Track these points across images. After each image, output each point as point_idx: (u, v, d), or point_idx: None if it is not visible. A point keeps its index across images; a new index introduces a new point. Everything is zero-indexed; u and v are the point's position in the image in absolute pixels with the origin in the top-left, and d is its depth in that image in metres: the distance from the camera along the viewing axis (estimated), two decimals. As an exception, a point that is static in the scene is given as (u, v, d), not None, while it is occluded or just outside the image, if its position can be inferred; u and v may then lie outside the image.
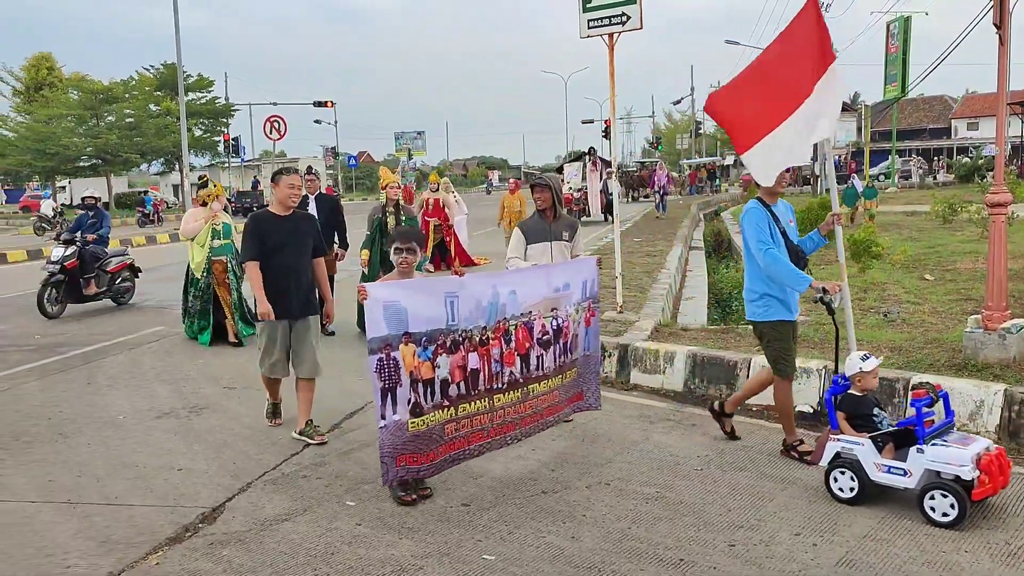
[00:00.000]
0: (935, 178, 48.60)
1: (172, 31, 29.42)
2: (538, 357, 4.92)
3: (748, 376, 6.47)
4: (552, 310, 5.00)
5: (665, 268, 13.03)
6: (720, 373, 6.65)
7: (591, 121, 61.03)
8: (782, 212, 5.24)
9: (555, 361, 5.05)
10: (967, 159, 49.35)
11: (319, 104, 43.12)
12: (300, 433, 5.75)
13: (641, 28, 8.04)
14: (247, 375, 7.66)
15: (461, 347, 4.51)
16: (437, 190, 15.48)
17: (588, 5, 8.31)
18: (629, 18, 8.03)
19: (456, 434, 4.56)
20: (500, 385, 4.71)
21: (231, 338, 9.07)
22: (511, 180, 20.68)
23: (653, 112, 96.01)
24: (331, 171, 55.49)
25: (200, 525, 4.38)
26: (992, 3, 6.05)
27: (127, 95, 44.48)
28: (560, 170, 29.40)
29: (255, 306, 5.87)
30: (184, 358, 8.47)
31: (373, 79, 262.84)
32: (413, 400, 4.30)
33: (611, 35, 8.30)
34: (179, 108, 32.83)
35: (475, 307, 4.57)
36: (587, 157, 26.84)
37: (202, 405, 6.72)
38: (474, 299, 4.58)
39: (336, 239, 9.38)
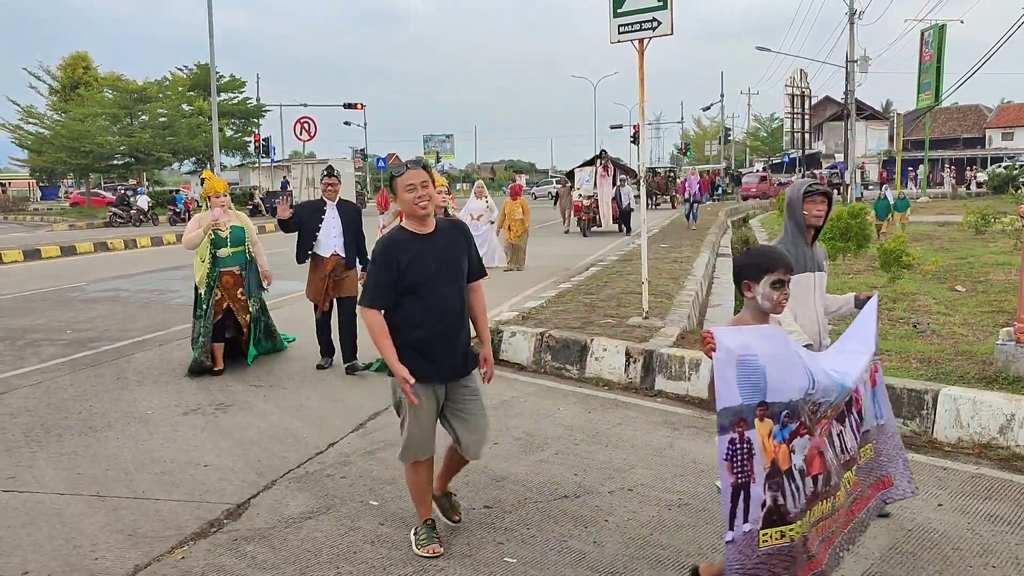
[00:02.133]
0: (968, 188, 47.99)
1: (206, 32, 29.74)
2: (838, 434, 3.43)
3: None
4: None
5: (692, 275, 12.96)
6: (746, 381, 6.58)
7: (620, 126, 60.91)
8: None
9: (855, 437, 3.55)
10: (1001, 169, 48.70)
11: (349, 106, 43.44)
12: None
13: (672, 34, 8.01)
14: (274, 374, 7.74)
15: (819, 425, 3.17)
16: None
17: (619, 10, 8.29)
18: (660, 24, 8.01)
19: (815, 548, 3.12)
20: (838, 479, 3.28)
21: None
22: (512, 184, 17.25)
23: (682, 118, 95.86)
24: (360, 173, 55.81)
25: (225, 521, 4.42)
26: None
27: (161, 95, 45.04)
28: (571, 175, 27.05)
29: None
30: (212, 355, 8.54)
31: (403, 81, 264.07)
32: (769, 502, 2.93)
33: (641, 41, 8.28)
34: (211, 108, 33.20)
35: (824, 374, 3.19)
36: (598, 161, 24.01)
37: (228, 402, 6.78)
38: (818, 365, 3.23)
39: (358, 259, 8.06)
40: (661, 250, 17.32)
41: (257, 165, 46.55)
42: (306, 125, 27.27)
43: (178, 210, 35.71)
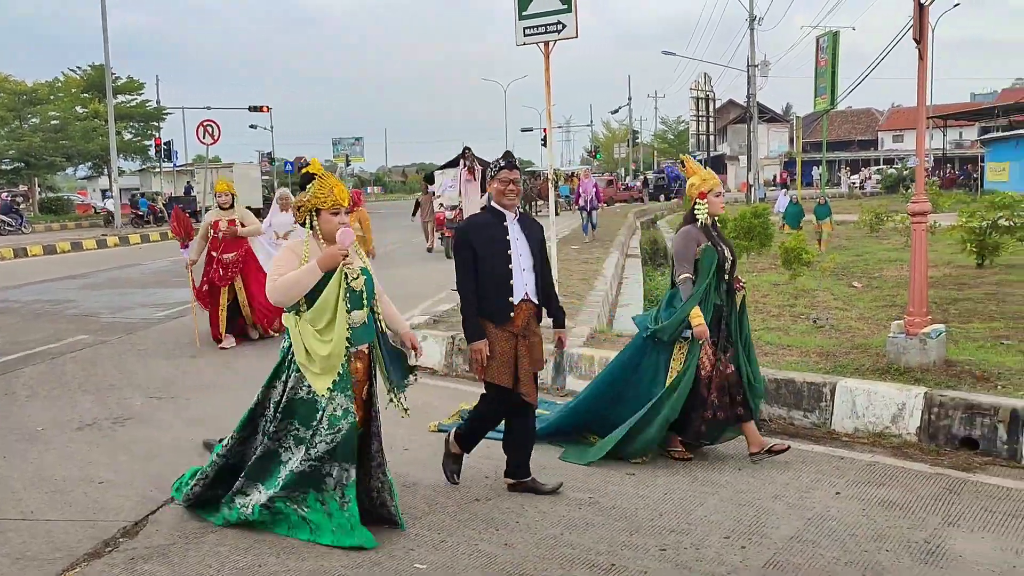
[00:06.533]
0: (862, 188, 50.10)
1: (101, 31, 28.62)
2: None
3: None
4: None
5: (602, 275, 13.13)
6: (654, 379, 6.68)
7: (530, 129, 61.43)
8: None
9: None
10: (893, 170, 51.01)
11: (254, 109, 42.53)
12: None
13: (576, 37, 8.10)
14: (176, 384, 7.48)
15: None
16: (232, 206, 9.16)
17: (524, 13, 8.33)
18: (564, 26, 8.08)
19: None
20: None
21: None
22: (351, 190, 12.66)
23: (591, 121, 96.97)
24: (267, 177, 54.60)
25: (121, 540, 4.23)
26: (913, 19, 6.25)
27: (52, 97, 43.14)
28: (430, 179, 22.16)
29: None
30: (110, 367, 8.21)
31: (311, 83, 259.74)
32: None
33: (547, 43, 8.34)
34: (107, 111, 31.96)
35: None
36: (462, 161, 18.81)
37: (127, 415, 6.51)
38: None
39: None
40: (572, 252, 17.50)
41: (159, 170, 45.02)
42: (209, 128, 26.39)
43: (142, 213, 34.15)
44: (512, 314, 4.56)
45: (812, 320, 8.91)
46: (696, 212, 5.23)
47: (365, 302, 4.16)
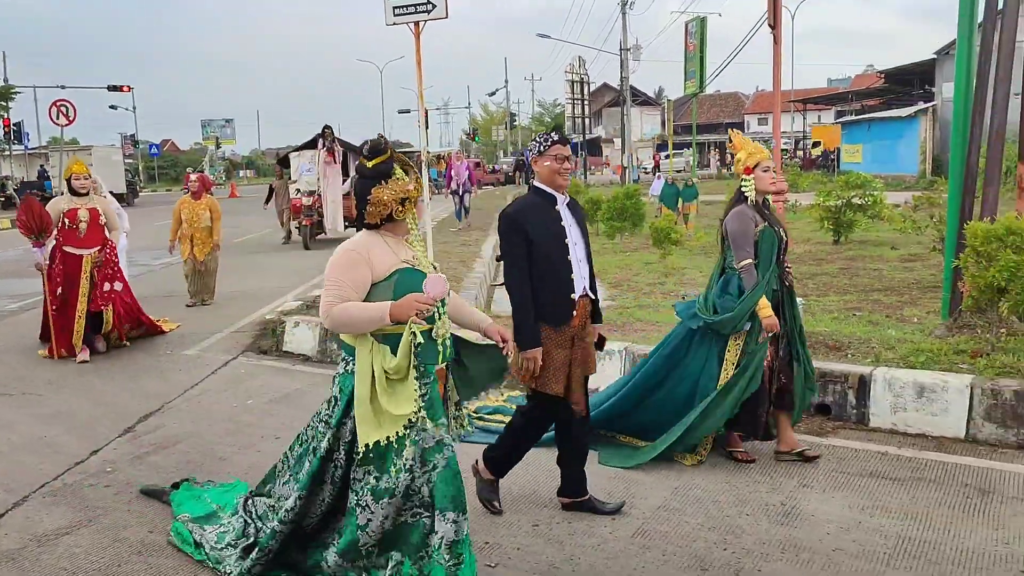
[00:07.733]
0: (730, 169, 52.16)
1: (-63, 2, 26.49)
2: None
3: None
4: None
5: (480, 257, 13.20)
6: (529, 358, 6.76)
7: (407, 111, 60.88)
8: None
9: None
10: (758, 152, 53.15)
11: (114, 88, 40.39)
12: None
13: (446, 17, 8.05)
14: (28, 379, 7.05)
15: None
16: (87, 193, 7.87)
17: (393, -9, 8.22)
18: (434, 7, 8.02)
19: None
20: None
21: None
22: (193, 175, 11.14)
23: (469, 103, 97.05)
24: (130, 160, 52.00)
25: (-35, 546, 3.96)
26: (767, 6, 6.52)
27: None
28: (284, 162, 19.81)
29: None
30: (-48, 364, 7.65)
31: (178, 63, 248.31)
32: None
33: (417, 24, 8.25)
34: (-52, 89, 29.71)
35: None
36: (321, 141, 16.50)
37: (-28, 415, 6.09)
38: None
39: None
40: (450, 234, 17.50)
41: (8, 152, 42.17)
42: (63, 109, 24.78)
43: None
44: (573, 313, 4.04)
45: (682, 297, 9.21)
46: (744, 189, 4.74)
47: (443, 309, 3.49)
